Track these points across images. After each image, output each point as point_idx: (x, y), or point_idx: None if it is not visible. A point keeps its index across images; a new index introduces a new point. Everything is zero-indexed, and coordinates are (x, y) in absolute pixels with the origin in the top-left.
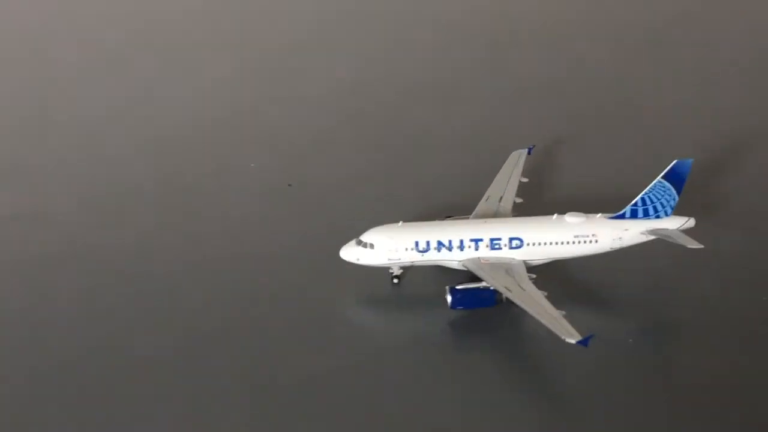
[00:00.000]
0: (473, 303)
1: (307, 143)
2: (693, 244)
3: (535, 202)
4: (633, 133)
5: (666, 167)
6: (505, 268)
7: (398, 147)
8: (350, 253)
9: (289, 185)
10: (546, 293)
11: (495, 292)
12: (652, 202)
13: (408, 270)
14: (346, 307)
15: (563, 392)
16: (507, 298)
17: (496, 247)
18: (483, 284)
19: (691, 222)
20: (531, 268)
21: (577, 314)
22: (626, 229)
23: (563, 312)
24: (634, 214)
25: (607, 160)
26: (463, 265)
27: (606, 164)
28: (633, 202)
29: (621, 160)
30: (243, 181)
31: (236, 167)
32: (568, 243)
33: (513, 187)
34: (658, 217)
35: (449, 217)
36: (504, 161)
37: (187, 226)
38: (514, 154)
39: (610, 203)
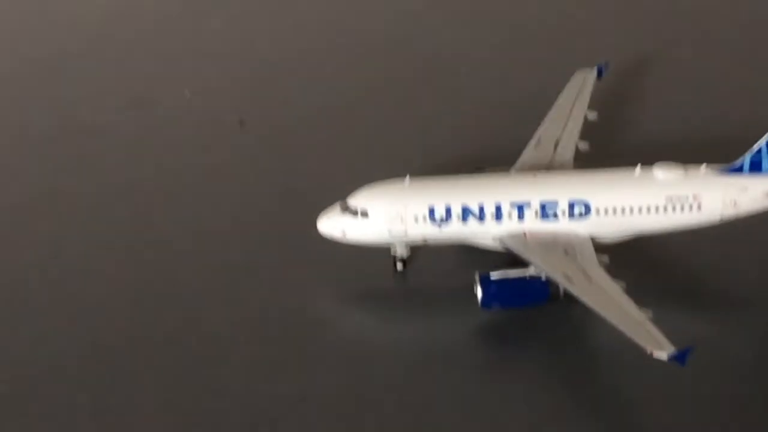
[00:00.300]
0: (515, 299)
1: (269, 60)
2: None
3: (607, 147)
4: (753, 46)
5: None
6: (564, 247)
7: (404, 64)
8: (333, 224)
9: (241, 123)
10: (624, 284)
11: (548, 283)
12: None
13: (419, 250)
14: (329, 308)
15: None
16: (566, 292)
17: (551, 215)
18: (530, 271)
19: None
20: (602, 248)
21: (669, 316)
22: (744, 189)
23: (650, 313)
24: (755, 167)
25: (713, 85)
26: (501, 243)
27: (712, 91)
28: (754, 148)
29: (735, 86)
30: (172, 116)
31: (162, 95)
32: (657, 210)
33: (576, 126)
34: None
35: (480, 169)
36: (563, 86)
37: (87, 185)
38: (578, 77)
39: (718, 150)
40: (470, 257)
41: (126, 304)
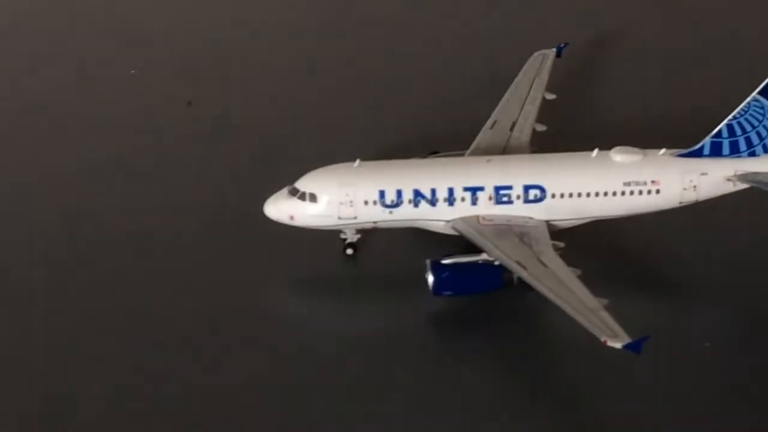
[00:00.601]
0: (468, 286)
1: (219, 39)
2: None
3: (565, 130)
4: (717, 28)
5: (766, 78)
6: (518, 232)
7: (356, 45)
8: (280, 208)
9: (189, 103)
10: (580, 271)
11: (501, 269)
12: (745, 132)
13: (369, 235)
14: (276, 294)
15: (601, 423)
16: (520, 279)
17: (505, 200)
18: (483, 257)
19: None
20: (558, 233)
21: (626, 304)
22: (704, 173)
23: (605, 301)
24: (716, 150)
25: (675, 67)
26: (454, 228)
27: (674, 74)
28: (715, 131)
29: (696, 68)
30: (118, 95)
31: (108, 73)
32: (615, 194)
33: (533, 108)
34: (753, 154)
35: (435, 153)
36: (520, 67)
37: (28, 164)
38: (536, 57)
39: (679, 133)
40: (423, 242)
41: (63, 289)
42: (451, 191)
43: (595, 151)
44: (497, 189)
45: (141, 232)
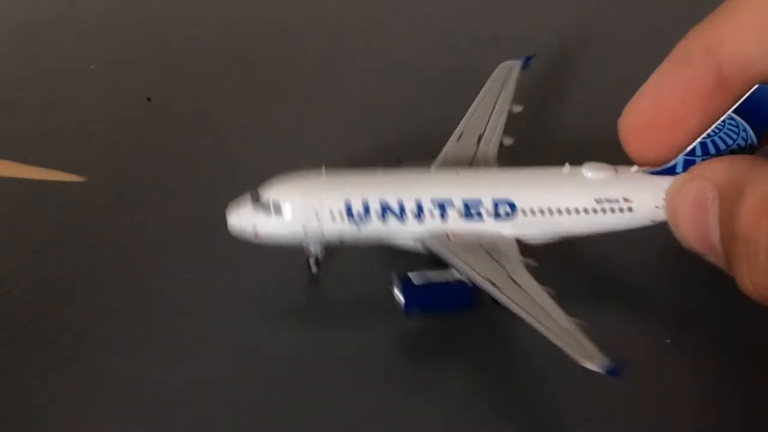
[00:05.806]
0: (438, 305)
1: (180, 35)
2: None
3: (534, 143)
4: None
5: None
6: (488, 249)
7: (324, 46)
8: (244, 220)
9: (149, 99)
10: (553, 290)
11: (472, 288)
12: (718, 151)
13: (335, 251)
14: (236, 313)
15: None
16: (492, 298)
17: (474, 214)
18: (453, 274)
19: None
20: (528, 251)
21: (598, 324)
22: None
23: (582, 322)
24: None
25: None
26: (423, 244)
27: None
28: (688, 149)
29: None
30: (76, 91)
31: (66, 68)
32: (586, 211)
33: (500, 120)
34: None
35: (399, 161)
36: (487, 78)
37: None
38: (503, 68)
39: None
40: (390, 259)
41: (20, 289)
42: (419, 205)
43: (566, 166)
44: (466, 203)
45: (93, 238)
